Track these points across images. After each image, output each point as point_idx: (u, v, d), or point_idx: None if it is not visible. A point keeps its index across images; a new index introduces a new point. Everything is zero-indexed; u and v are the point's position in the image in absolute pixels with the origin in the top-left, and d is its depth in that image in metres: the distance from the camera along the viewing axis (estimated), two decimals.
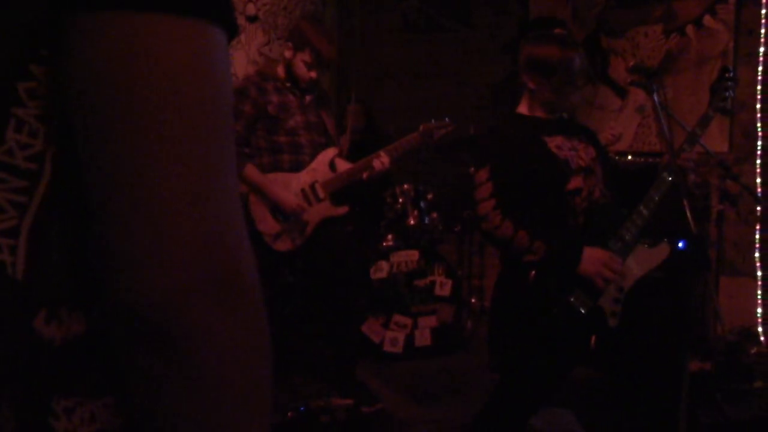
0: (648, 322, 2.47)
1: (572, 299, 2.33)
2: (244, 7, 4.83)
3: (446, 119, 3.64)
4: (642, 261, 2.45)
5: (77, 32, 0.51)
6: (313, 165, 3.42)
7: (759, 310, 4.44)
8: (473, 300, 5.03)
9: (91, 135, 0.52)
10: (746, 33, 4.70)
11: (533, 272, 2.36)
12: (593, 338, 2.35)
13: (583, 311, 2.32)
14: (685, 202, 2.27)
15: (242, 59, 4.84)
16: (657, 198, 2.42)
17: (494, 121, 2.70)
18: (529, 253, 2.33)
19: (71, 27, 0.51)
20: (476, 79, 5.42)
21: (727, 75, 2.59)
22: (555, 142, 2.47)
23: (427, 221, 4.54)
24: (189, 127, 0.52)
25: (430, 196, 4.58)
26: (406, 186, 4.52)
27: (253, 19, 4.92)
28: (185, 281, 0.51)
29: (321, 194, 3.42)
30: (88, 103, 0.52)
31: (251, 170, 3.31)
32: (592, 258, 2.35)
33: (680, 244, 3.19)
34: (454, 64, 5.61)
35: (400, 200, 4.50)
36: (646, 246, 2.46)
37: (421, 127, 3.59)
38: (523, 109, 2.61)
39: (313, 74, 3.36)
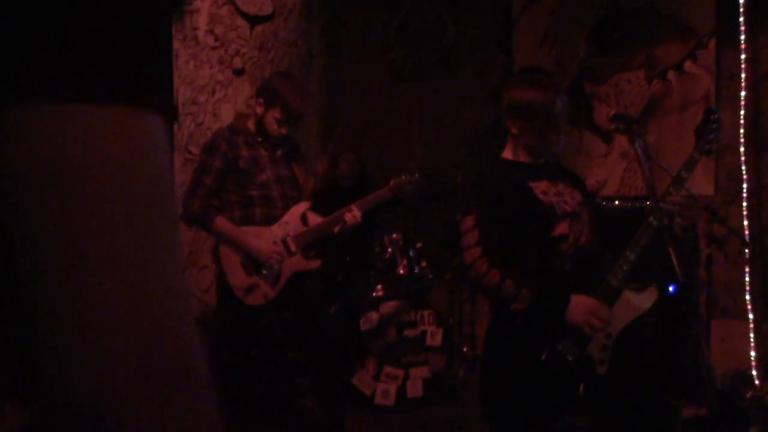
0: (638, 369, 2.44)
1: (560, 347, 2.31)
2: (231, 60, 4.87)
3: (416, 174, 3.63)
4: (630, 306, 2.42)
5: (10, 123, 0.50)
6: (285, 218, 3.42)
7: (752, 353, 4.41)
8: (465, 348, 4.98)
9: (24, 225, 0.51)
10: (728, 77, 4.77)
11: (519, 320, 2.34)
12: (582, 386, 2.33)
13: (570, 359, 2.30)
14: (671, 248, 2.25)
15: (230, 112, 4.86)
16: (643, 242, 2.41)
17: (480, 167, 2.70)
18: (516, 300, 2.32)
19: (4, 119, 0.51)
20: (463, 126, 5.46)
21: (712, 117, 2.59)
22: (540, 188, 2.47)
23: (416, 270, 4.52)
24: (124, 216, 0.51)
25: (419, 245, 4.57)
26: (395, 235, 4.52)
27: (239, 72, 4.96)
28: (125, 374, 0.50)
29: (293, 248, 3.41)
30: (21, 192, 0.51)
31: (221, 222, 3.31)
32: (578, 306, 2.33)
33: (671, 289, 3.17)
34: (441, 112, 5.66)
35: (389, 249, 4.49)
36: (634, 291, 2.45)
37: (391, 182, 3.60)
38: (507, 154, 2.61)
39: (283, 130, 3.37)
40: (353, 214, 3.43)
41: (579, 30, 5.26)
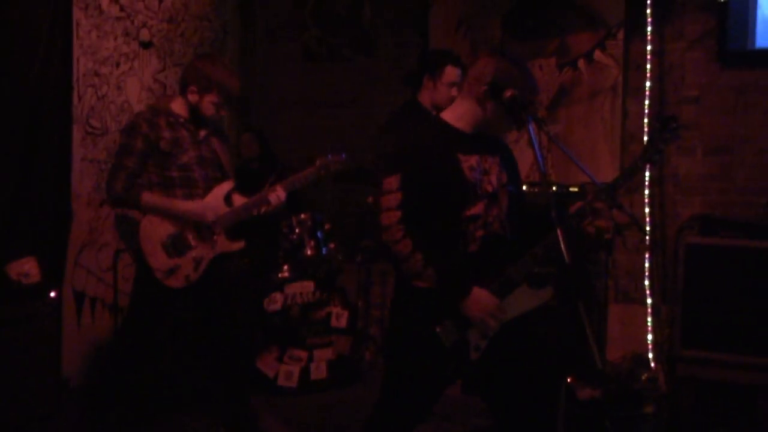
0: (517, 358, 2.44)
1: (439, 330, 2.30)
2: (138, 32, 4.71)
3: (342, 154, 3.55)
4: (522, 301, 2.40)
5: None
6: (207, 199, 3.34)
7: (649, 336, 4.55)
8: (372, 331, 4.98)
9: None
10: (634, 68, 4.87)
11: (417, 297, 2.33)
12: (450, 366, 2.34)
13: (446, 344, 2.31)
14: (559, 229, 2.25)
15: (136, 85, 4.70)
16: (554, 246, 2.28)
17: (412, 121, 2.57)
18: (420, 278, 2.29)
19: None
20: (377, 109, 5.41)
21: (672, 125, 2.44)
22: (469, 163, 2.36)
23: (324, 251, 4.48)
24: None
25: (327, 226, 4.53)
26: (303, 216, 4.45)
27: (147, 44, 4.80)
28: None
29: (216, 229, 3.34)
30: None
31: (149, 197, 3.27)
32: (478, 302, 2.30)
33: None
34: (355, 94, 5.62)
35: (297, 230, 4.42)
36: (530, 287, 2.41)
37: (317, 162, 3.51)
38: (448, 116, 2.46)
39: (223, 112, 3.36)
40: (277, 194, 3.37)
41: (493, 16, 5.27)
